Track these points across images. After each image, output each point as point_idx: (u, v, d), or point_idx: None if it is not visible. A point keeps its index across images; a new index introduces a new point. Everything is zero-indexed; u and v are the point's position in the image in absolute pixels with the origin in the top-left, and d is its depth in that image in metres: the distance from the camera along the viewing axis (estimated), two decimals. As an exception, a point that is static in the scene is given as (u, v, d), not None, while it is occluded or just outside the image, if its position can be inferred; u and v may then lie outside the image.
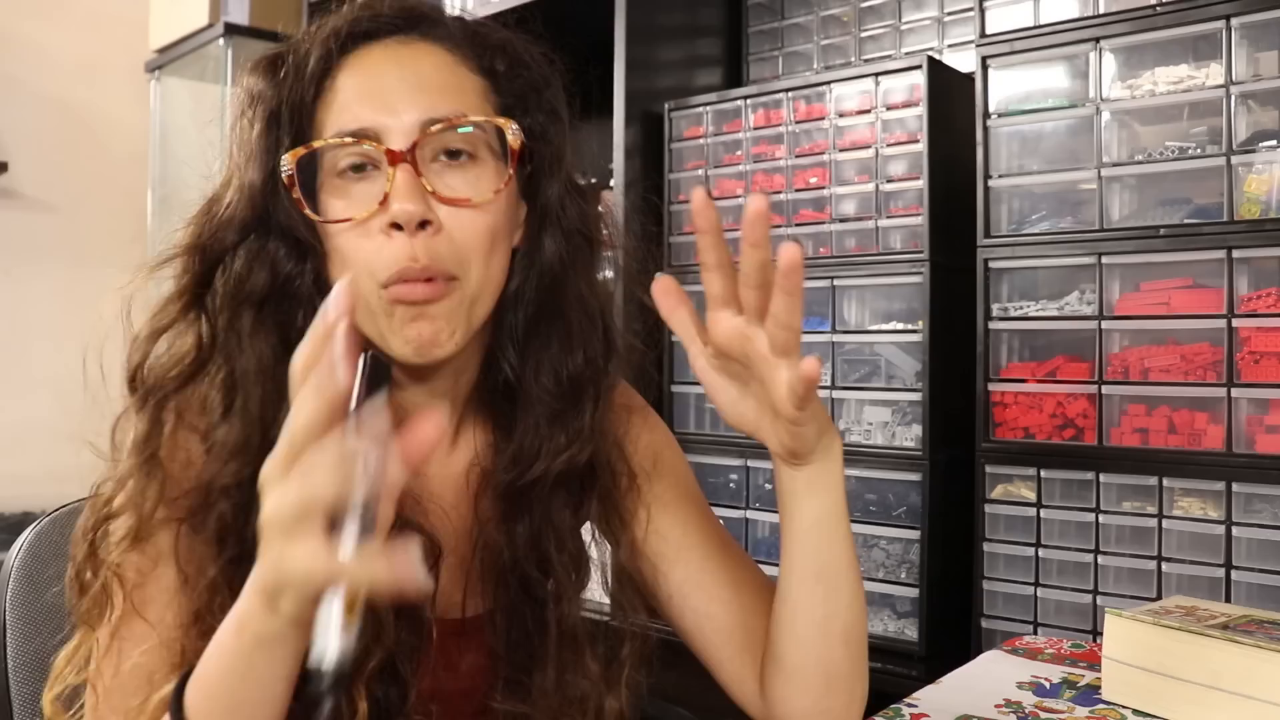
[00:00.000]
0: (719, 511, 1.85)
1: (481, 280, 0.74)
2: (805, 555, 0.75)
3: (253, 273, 0.72)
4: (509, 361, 0.80)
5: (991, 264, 1.58)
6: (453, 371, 0.79)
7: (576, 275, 0.81)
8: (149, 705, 0.65)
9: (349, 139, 0.71)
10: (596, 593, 0.85)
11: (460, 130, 0.73)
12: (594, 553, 0.85)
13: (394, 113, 0.71)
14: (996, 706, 0.81)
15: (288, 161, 0.71)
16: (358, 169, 0.72)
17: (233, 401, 0.71)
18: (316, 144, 0.71)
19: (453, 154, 0.73)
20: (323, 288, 0.72)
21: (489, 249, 0.74)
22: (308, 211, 0.71)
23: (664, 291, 0.69)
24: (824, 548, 0.74)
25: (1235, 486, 1.36)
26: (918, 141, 1.68)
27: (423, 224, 0.70)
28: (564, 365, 0.80)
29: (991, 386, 1.58)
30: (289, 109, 0.73)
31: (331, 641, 0.48)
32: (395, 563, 0.49)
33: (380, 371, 0.54)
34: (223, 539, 0.68)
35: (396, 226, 0.70)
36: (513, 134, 0.75)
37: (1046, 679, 0.88)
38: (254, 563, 0.55)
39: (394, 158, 0.70)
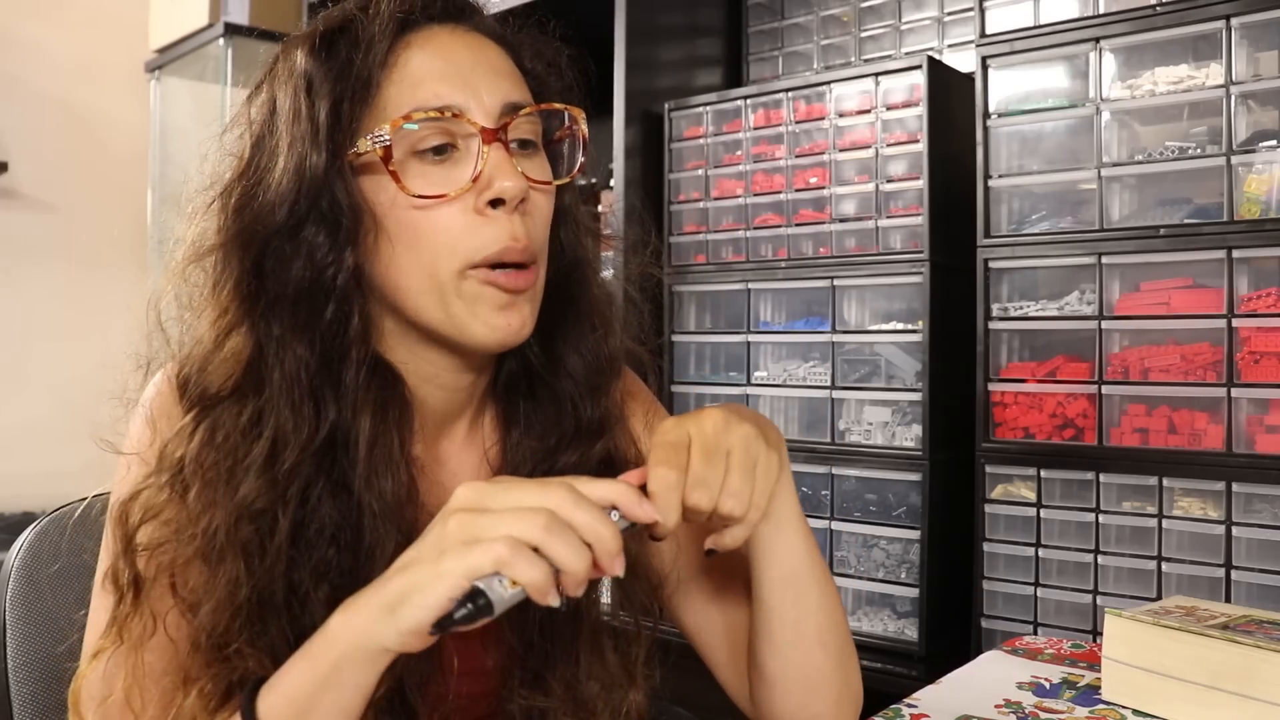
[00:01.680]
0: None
1: (545, 265, 0.75)
2: (770, 560, 0.75)
3: (287, 265, 0.69)
4: (533, 353, 0.79)
5: (991, 264, 1.58)
6: (480, 365, 0.78)
7: (590, 269, 0.82)
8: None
9: (443, 112, 0.69)
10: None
11: (531, 118, 0.73)
12: None
13: (476, 94, 0.70)
14: (996, 707, 0.81)
15: (385, 132, 0.68)
16: (439, 150, 0.70)
17: (265, 413, 0.68)
18: (416, 115, 0.68)
19: (523, 143, 0.73)
20: (360, 280, 0.70)
21: (549, 235, 0.75)
22: (404, 186, 0.68)
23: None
24: (788, 550, 0.74)
25: (1235, 486, 1.36)
26: (918, 141, 1.68)
27: (520, 202, 0.70)
28: (589, 355, 0.80)
29: (991, 386, 1.58)
30: (356, 86, 0.69)
31: (498, 586, 0.55)
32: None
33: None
34: (249, 562, 0.66)
35: (493, 205, 0.69)
36: (584, 122, 0.76)
37: (1046, 679, 0.88)
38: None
39: (488, 136, 0.69)
